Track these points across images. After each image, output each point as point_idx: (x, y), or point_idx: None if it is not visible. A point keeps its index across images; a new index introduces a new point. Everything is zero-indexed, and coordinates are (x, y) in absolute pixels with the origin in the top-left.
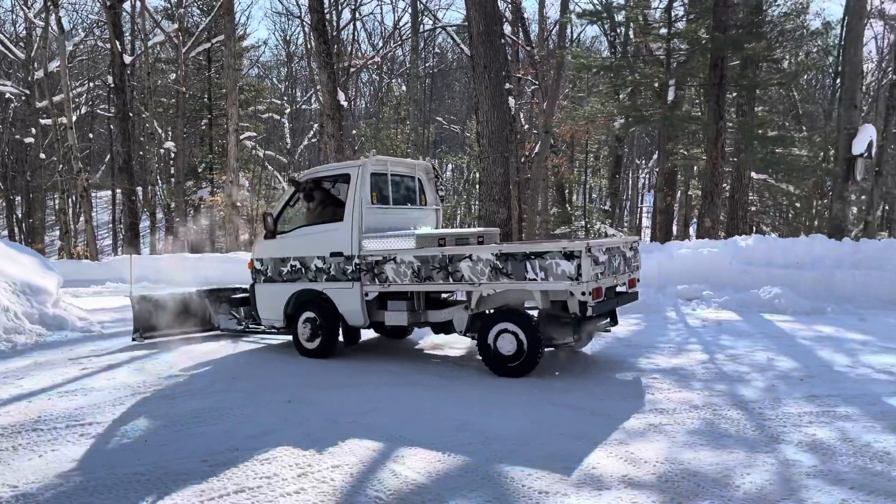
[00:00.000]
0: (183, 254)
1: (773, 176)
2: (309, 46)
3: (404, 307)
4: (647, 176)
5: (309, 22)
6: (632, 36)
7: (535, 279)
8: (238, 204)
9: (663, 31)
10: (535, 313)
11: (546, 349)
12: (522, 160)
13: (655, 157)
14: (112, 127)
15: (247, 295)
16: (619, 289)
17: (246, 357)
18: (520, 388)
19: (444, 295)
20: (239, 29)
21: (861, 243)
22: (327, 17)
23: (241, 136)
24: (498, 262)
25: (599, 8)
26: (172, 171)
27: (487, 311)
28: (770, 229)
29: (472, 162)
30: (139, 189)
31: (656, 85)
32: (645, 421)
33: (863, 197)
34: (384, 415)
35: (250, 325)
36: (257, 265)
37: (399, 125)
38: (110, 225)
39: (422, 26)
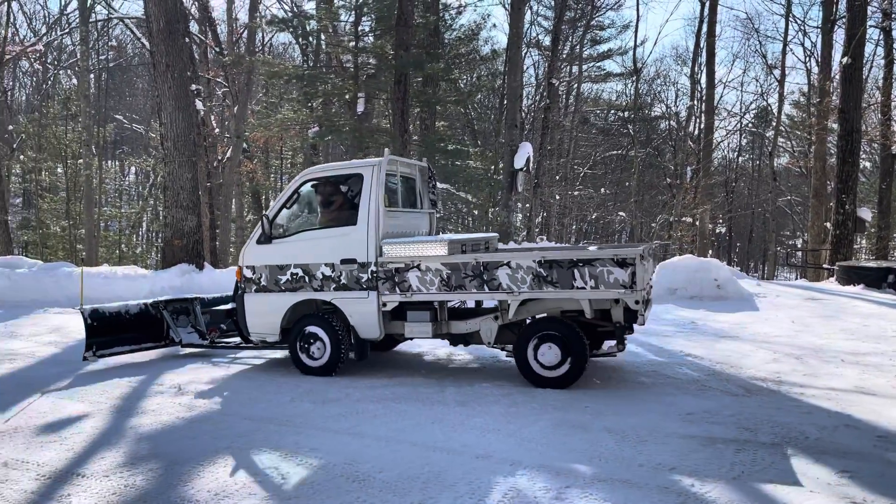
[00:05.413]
0: None
1: (455, 185)
2: None
3: (427, 318)
4: None
5: None
6: (324, 46)
7: (583, 287)
8: None
9: (353, 43)
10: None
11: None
12: (214, 165)
13: None
14: None
15: (231, 307)
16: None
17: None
18: None
19: (451, 304)
20: None
21: (523, 246)
22: None
23: None
24: (542, 270)
25: (289, 16)
26: None
27: (523, 321)
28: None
29: (159, 165)
30: None
31: (347, 96)
32: None
33: (527, 205)
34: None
35: (217, 340)
36: (248, 273)
37: (70, 122)
38: None
39: (94, 15)
